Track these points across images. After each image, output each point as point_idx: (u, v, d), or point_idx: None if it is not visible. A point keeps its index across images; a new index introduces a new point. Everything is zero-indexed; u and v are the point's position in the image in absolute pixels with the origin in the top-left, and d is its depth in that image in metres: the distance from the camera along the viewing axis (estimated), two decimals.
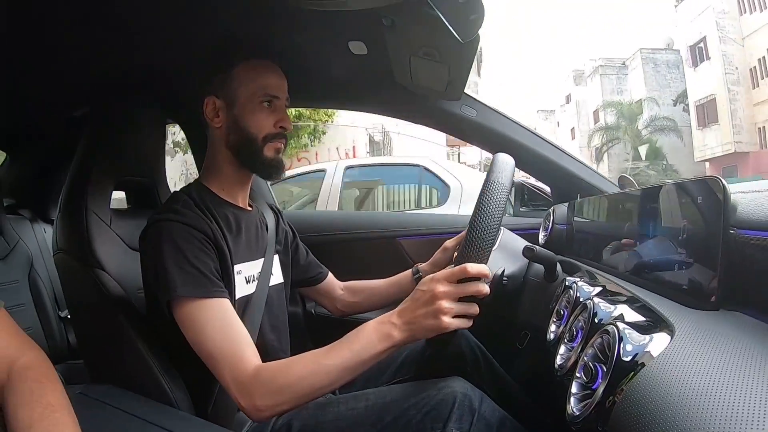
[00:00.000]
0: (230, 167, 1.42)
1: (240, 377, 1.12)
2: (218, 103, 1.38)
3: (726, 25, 26.58)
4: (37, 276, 2.41)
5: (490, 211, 1.05)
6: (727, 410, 0.51)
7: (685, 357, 0.64)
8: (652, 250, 1.07)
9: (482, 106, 1.94)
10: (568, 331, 1.05)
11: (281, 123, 1.40)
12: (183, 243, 1.20)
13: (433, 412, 1.17)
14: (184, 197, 1.33)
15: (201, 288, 1.18)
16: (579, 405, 0.81)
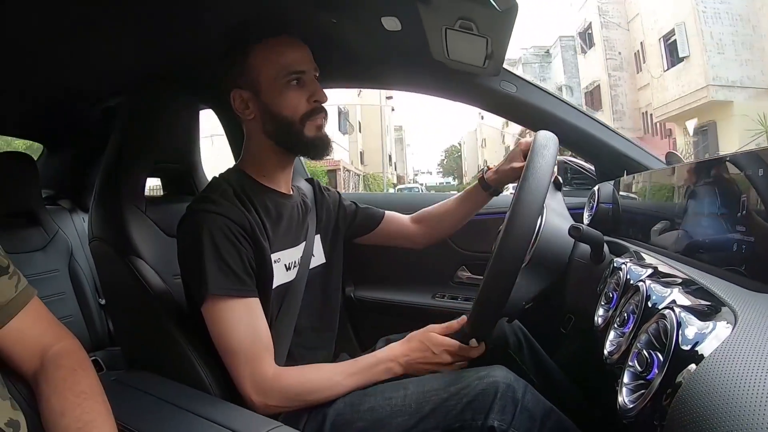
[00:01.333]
0: (272, 154, 1.41)
1: (258, 377, 1.22)
2: (245, 94, 1.36)
3: (610, 9, 26.54)
4: (77, 265, 2.46)
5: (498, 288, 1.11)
6: None
7: (751, 346, 0.59)
8: (707, 228, 1.01)
9: (522, 82, 1.88)
10: (618, 316, 1.00)
11: (315, 97, 1.36)
12: (219, 238, 1.22)
13: (474, 402, 1.16)
14: (224, 185, 1.33)
15: (233, 288, 1.22)
16: (632, 396, 0.76)
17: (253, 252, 1.27)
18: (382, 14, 1.52)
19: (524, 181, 1.05)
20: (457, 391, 1.18)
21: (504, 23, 1.36)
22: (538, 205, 1.04)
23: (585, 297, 1.36)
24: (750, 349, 0.58)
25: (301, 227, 1.47)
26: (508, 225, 1.05)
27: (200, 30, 1.52)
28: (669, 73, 22.23)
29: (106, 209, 1.43)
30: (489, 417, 1.13)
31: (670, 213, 1.25)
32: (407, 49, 1.74)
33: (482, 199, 1.71)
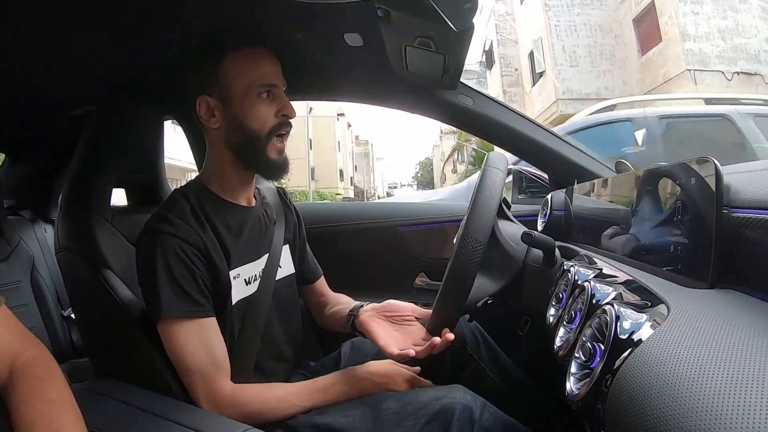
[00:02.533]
0: (232, 169, 1.38)
1: (213, 396, 1.23)
2: (212, 102, 1.33)
3: (507, 27, 26.71)
4: (39, 276, 2.40)
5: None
6: (721, 383, 0.52)
7: (680, 334, 0.66)
8: (649, 232, 1.08)
9: (478, 95, 1.94)
10: (567, 314, 1.07)
11: (284, 111, 1.35)
12: (173, 259, 1.22)
13: (432, 422, 1.18)
14: (182, 201, 1.31)
15: (186, 309, 1.22)
16: (578, 384, 0.83)
17: (207, 273, 1.27)
18: (345, 31, 1.55)
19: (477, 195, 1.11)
20: (415, 411, 1.20)
21: (460, 42, 1.41)
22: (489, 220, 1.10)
23: (539, 299, 1.41)
24: (679, 336, 0.64)
25: (264, 239, 1.46)
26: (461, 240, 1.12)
27: (166, 40, 1.50)
28: (534, 88, 22.52)
29: (72, 219, 1.43)
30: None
31: (617, 218, 1.32)
32: (369, 64, 1.77)
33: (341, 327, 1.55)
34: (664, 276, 0.94)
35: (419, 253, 2.33)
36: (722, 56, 17.98)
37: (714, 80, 17.50)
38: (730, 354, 0.56)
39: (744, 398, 0.49)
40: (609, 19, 20.35)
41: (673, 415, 0.53)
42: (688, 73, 17.27)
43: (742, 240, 0.77)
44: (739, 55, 18.08)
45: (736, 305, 0.72)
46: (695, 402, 0.52)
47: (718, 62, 17.80)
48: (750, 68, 18.04)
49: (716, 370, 0.54)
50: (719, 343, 0.59)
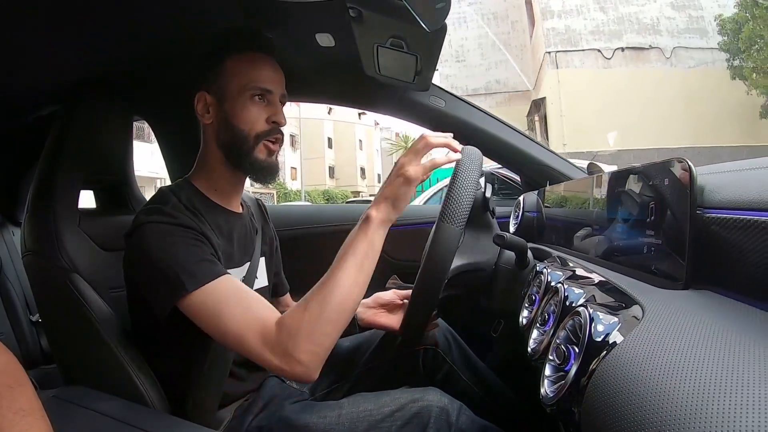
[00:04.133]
0: (222, 167, 1.37)
1: (269, 339, 1.08)
2: (209, 98, 1.34)
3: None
4: (7, 280, 2.37)
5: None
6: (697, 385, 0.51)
7: (654, 335, 0.65)
8: (622, 233, 1.09)
9: (451, 97, 1.95)
10: (540, 315, 1.07)
11: (274, 118, 1.34)
12: (176, 239, 1.15)
13: (408, 425, 1.18)
14: (174, 199, 1.27)
15: (205, 274, 1.13)
16: (552, 387, 0.82)
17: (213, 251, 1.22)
18: (316, 30, 1.55)
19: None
20: (391, 413, 1.19)
21: (433, 42, 1.41)
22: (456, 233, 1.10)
23: (511, 300, 1.43)
24: (654, 338, 0.64)
25: (248, 247, 1.45)
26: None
27: (139, 38, 1.50)
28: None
29: (39, 222, 1.40)
30: None
31: (589, 220, 1.32)
32: (340, 65, 1.77)
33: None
34: (638, 277, 0.94)
35: (391, 256, 2.32)
36: (599, 31, 17.65)
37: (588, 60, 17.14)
38: (706, 355, 0.56)
39: (720, 400, 0.48)
40: (506, 5, 20.10)
41: (649, 418, 0.52)
42: (549, 56, 16.87)
43: (716, 240, 0.77)
44: (626, 28, 17.82)
45: (711, 306, 0.72)
46: (671, 404, 0.51)
47: (593, 39, 17.51)
48: (642, 41, 17.91)
49: (692, 371, 0.54)
50: (695, 345, 0.59)
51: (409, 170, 1.12)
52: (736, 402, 0.47)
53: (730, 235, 0.74)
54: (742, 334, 0.59)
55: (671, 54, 18.00)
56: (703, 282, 0.79)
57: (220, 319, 1.10)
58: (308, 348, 1.06)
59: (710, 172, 0.87)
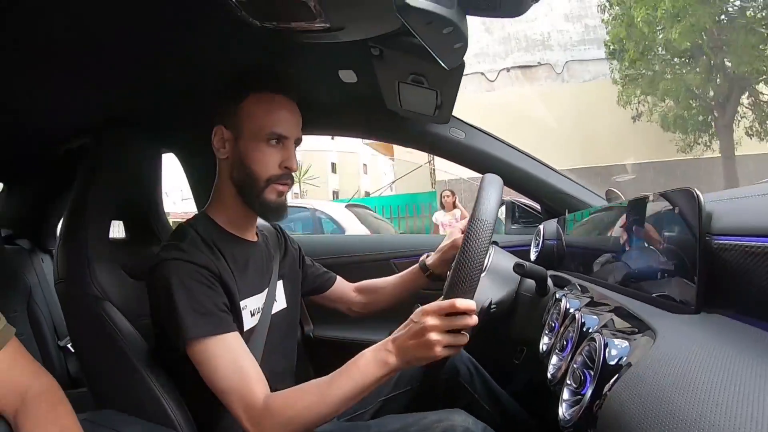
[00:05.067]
0: (235, 201, 1.41)
1: (251, 410, 1.17)
2: (226, 134, 1.37)
3: None
4: (36, 306, 2.41)
5: (475, 250, 1.09)
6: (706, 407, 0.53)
7: (666, 358, 0.68)
8: (637, 260, 1.11)
9: (470, 128, 1.98)
10: (559, 342, 1.09)
11: (287, 163, 1.37)
12: (191, 282, 1.21)
13: None
14: (191, 233, 1.33)
15: (211, 326, 1.20)
16: (570, 410, 0.84)
17: (225, 295, 1.28)
18: (339, 68, 1.60)
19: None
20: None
21: (452, 78, 1.44)
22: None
23: (533, 327, 1.43)
24: (665, 361, 0.67)
25: (266, 273, 1.48)
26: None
27: (166, 76, 1.55)
28: None
29: (72, 251, 1.44)
30: None
31: (608, 247, 1.33)
32: (363, 100, 1.81)
33: (421, 282, 1.79)
34: (652, 302, 0.96)
35: None
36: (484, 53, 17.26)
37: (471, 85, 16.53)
38: (716, 377, 0.58)
39: (727, 422, 0.50)
40: None
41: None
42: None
43: (725, 265, 0.79)
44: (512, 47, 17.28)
45: (722, 330, 0.74)
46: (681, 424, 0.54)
47: (477, 62, 17.11)
48: (530, 59, 17.31)
49: (702, 393, 0.56)
50: (705, 367, 0.61)
51: (434, 339, 1.11)
52: (749, 426, 0.48)
53: (739, 261, 0.76)
54: (753, 357, 0.60)
55: (563, 69, 17.40)
56: (714, 306, 0.81)
57: (213, 373, 1.19)
58: (279, 431, 1.16)
59: (718, 199, 0.90)
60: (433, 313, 1.11)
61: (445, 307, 1.10)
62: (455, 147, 1.99)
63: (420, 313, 1.14)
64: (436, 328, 1.10)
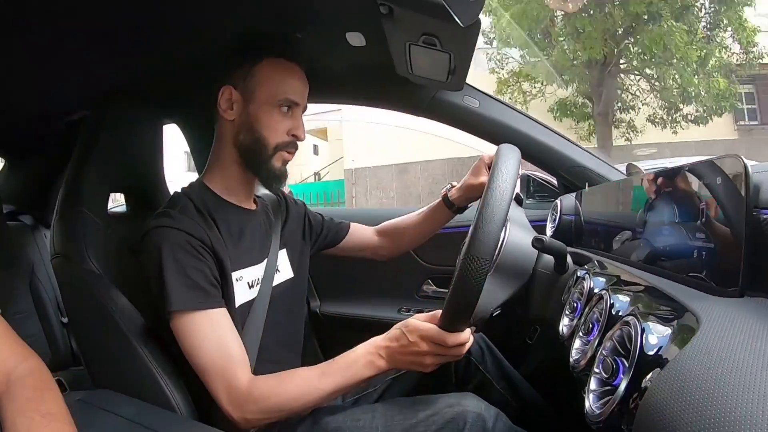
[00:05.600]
0: (236, 166, 1.40)
1: (233, 392, 1.16)
2: (235, 94, 1.35)
3: None
4: (38, 283, 2.38)
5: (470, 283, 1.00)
6: (765, 405, 0.47)
7: (714, 349, 0.60)
8: (668, 236, 1.03)
9: (485, 97, 1.90)
10: (583, 325, 1.01)
11: (294, 131, 1.38)
12: (180, 252, 1.20)
13: (443, 430, 1.15)
14: (184, 200, 1.31)
15: (196, 300, 1.19)
16: (598, 402, 0.77)
17: (215, 266, 1.25)
18: (346, 30, 1.52)
19: (488, 189, 1.05)
20: (426, 418, 1.17)
21: (467, 39, 1.37)
22: (503, 210, 1.02)
23: (550, 307, 1.38)
24: (714, 353, 0.59)
25: (265, 243, 1.46)
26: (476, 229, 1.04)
27: (167, 44, 1.50)
28: None
29: (68, 225, 1.40)
30: None
31: (631, 223, 1.26)
32: (372, 65, 1.74)
33: (445, 217, 1.74)
34: (687, 283, 0.89)
35: (425, 261, 2.30)
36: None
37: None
38: None
39: None
40: None
41: None
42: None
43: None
44: None
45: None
46: (734, 428, 0.46)
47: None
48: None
49: (758, 389, 0.49)
50: (762, 360, 0.54)
51: (427, 363, 1.16)
52: None
53: None
54: None
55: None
56: (759, 289, 0.75)
57: (195, 349, 1.19)
58: (260, 417, 1.17)
59: (766, 170, 0.82)
60: (429, 339, 1.14)
61: (437, 340, 1.13)
62: (469, 116, 1.92)
63: (413, 332, 1.15)
64: (429, 353, 1.14)
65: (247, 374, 1.18)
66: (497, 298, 1.43)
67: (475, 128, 1.97)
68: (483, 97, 1.91)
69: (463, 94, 1.89)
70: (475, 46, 1.43)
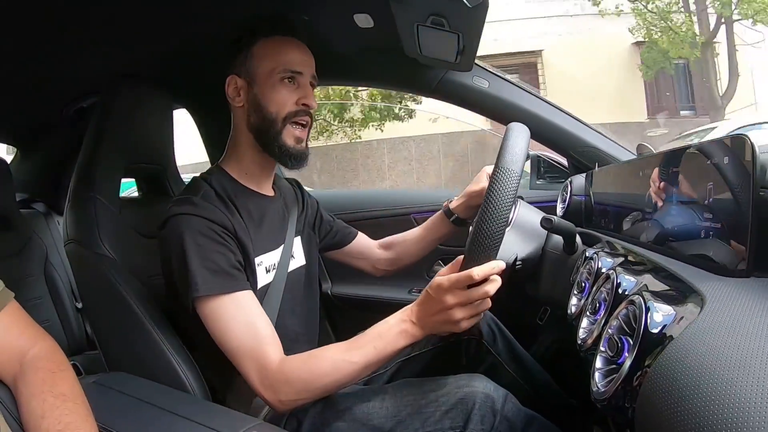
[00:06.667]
0: (253, 151, 1.40)
1: (264, 373, 1.15)
2: (239, 82, 1.36)
3: None
4: (53, 269, 2.41)
5: (499, 202, 1.01)
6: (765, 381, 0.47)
7: (718, 328, 0.60)
8: (676, 217, 1.03)
9: (494, 77, 1.89)
10: (591, 304, 1.02)
11: (304, 100, 1.36)
12: (203, 239, 1.20)
13: (452, 411, 1.15)
14: (205, 186, 1.31)
15: (223, 284, 1.18)
16: (604, 381, 0.77)
17: (239, 251, 1.26)
18: (354, 11, 1.53)
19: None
20: (436, 399, 1.17)
21: (475, 19, 1.36)
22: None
23: (559, 287, 1.38)
24: (717, 331, 0.59)
25: (282, 229, 1.46)
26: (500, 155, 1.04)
27: (176, 28, 1.51)
28: None
29: (80, 211, 1.41)
30: (468, 426, 1.13)
31: (640, 204, 1.26)
32: (380, 46, 1.74)
33: (446, 228, 1.74)
34: (694, 264, 0.89)
35: None
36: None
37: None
38: None
39: None
40: None
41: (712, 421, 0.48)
42: None
43: None
44: None
45: None
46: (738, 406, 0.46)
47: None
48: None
49: (760, 369, 0.49)
50: (762, 340, 0.54)
51: (456, 317, 1.09)
52: None
53: None
54: None
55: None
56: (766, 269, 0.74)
57: (225, 332, 1.18)
58: (295, 398, 1.15)
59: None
60: (451, 288, 1.08)
61: (462, 280, 1.06)
62: (478, 96, 1.91)
63: (437, 288, 1.10)
64: (456, 305, 1.08)
65: (278, 354, 1.17)
66: (517, 249, 1.44)
67: (485, 109, 1.96)
68: (493, 78, 1.90)
69: (473, 75, 1.87)
70: (484, 26, 1.42)
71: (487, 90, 1.89)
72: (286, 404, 1.15)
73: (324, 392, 1.16)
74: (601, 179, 1.69)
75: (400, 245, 1.80)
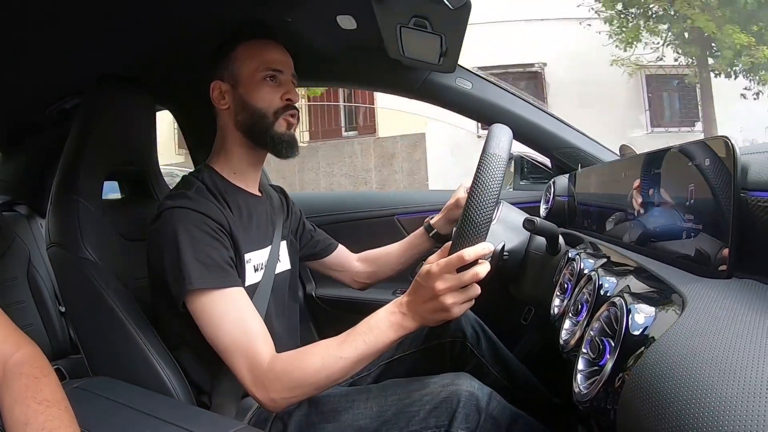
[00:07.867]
0: (241, 149, 1.42)
1: (255, 371, 1.14)
2: (224, 86, 1.39)
3: None
4: (36, 272, 2.39)
5: (487, 186, 1.00)
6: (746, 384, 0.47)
7: (698, 329, 0.60)
8: (658, 218, 1.03)
9: (477, 78, 1.90)
10: (573, 305, 1.02)
11: (287, 95, 1.38)
12: (198, 232, 1.20)
13: (437, 410, 1.16)
14: (197, 183, 1.32)
15: (217, 279, 1.18)
16: (586, 383, 0.78)
17: (231, 247, 1.27)
18: (337, 13, 1.53)
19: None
20: (420, 398, 1.18)
21: (457, 21, 1.37)
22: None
23: (542, 288, 1.39)
24: (698, 333, 0.59)
25: (269, 230, 1.47)
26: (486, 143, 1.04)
27: (159, 31, 1.51)
28: None
29: (63, 214, 1.40)
30: (453, 425, 1.13)
31: (623, 204, 1.26)
32: (363, 48, 1.75)
33: (427, 244, 1.74)
34: (676, 265, 0.89)
35: None
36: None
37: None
38: (755, 353, 0.51)
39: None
40: None
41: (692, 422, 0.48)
42: None
43: (762, 225, 0.72)
44: None
45: (759, 297, 0.66)
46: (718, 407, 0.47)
47: None
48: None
49: (741, 370, 0.49)
50: (743, 341, 0.54)
51: (447, 303, 1.06)
52: None
53: None
54: None
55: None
56: (747, 270, 0.74)
57: (217, 328, 1.17)
58: (286, 395, 1.13)
59: (755, 151, 0.82)
60: (441, 273, 1.05)
61: (453, 263, 1.04)
62: (461, 98, 1.92)
63: (426, 275, 1.08)
64: (447, 290, 1.06)
65: (269, 351, 1.16)
66: (505, 239, 1.45)
67: (468, 110, 1.97)
68: (476, 79, 1.91)
69: (456, 76, 1.88)
70: (467, 28, 1.43)
71: (470, 91, 1.90)
72: (277, 402, 1.14)
73: (316, 389, 1.14)
74: (584, 180, 1.69)
75: (380, 260, 1.80)
